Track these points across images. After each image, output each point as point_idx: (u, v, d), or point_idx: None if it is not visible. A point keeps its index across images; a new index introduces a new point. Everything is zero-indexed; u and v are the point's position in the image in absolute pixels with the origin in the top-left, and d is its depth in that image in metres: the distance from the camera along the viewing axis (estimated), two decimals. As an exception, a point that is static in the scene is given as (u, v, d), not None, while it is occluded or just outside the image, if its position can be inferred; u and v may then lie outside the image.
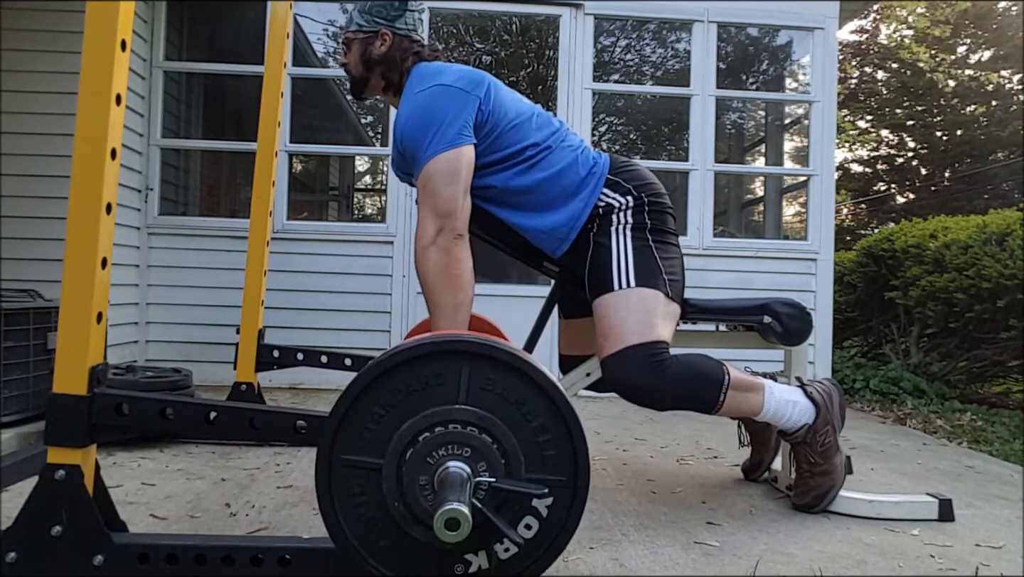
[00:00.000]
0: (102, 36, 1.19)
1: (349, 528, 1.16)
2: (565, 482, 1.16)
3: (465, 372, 1.16)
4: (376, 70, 1.80)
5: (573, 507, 1.17)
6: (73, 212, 1.19)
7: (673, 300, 1.73)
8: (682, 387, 1.67)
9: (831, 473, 1.80)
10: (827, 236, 4.00)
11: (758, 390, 1.76)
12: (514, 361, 1.16)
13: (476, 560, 1.16)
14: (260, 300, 2.67)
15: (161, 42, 3.78)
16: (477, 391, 1.16)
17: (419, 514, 1.13)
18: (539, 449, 1.16)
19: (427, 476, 1.13)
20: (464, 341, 1.17)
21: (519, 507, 1.15)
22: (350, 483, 1.16)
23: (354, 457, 1.16)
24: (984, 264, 3.94)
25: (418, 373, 1.16)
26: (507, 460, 1.14)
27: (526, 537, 1.16)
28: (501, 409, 1.16)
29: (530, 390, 1.17)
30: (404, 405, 1.16)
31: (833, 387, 1.85)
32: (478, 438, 1.14)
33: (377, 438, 1.15)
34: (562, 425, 1.17)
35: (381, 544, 1.16)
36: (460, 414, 1.15)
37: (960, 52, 12.90)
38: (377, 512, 1.16)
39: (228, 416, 1.30)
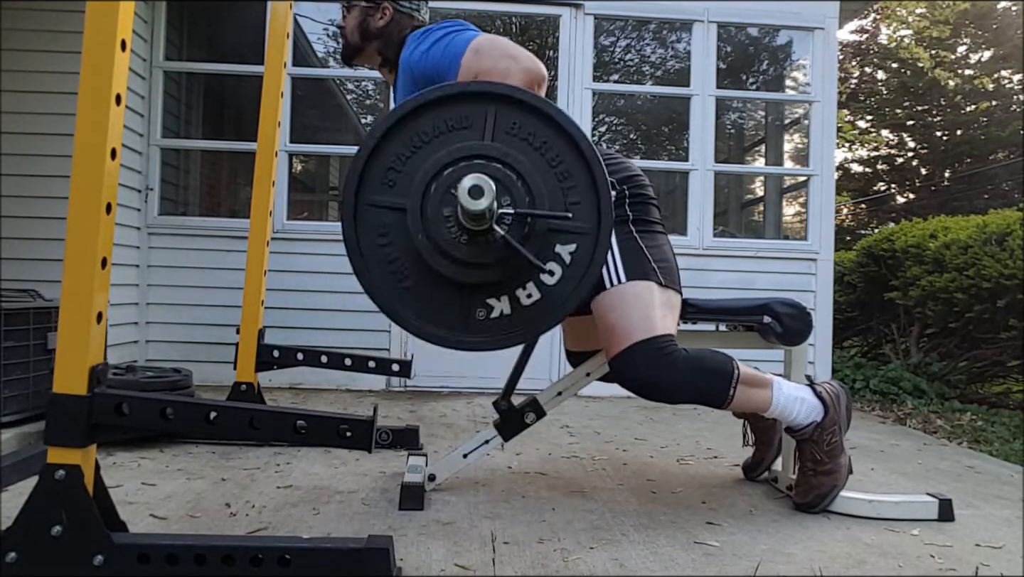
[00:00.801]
0: (102, 36, 1.19)
1: (375, 270, 1.14)
2: (588, 229, 1.14)
3: (491, 114, 1.14)
4: (372, 42, 1.81)
5: (596, 255, 1.15)
6: (73, 212, 1.19)
7: (668, 287, 1.72)
8: (693, 379, 1.67)
9: (835, 473, 1.80)
10: (827, 236, 4.00)
11: (767, 386, 1.76)
12: (540, 105, 1.14)
13: (498, 305, 1.14)
14: (260, 300, 2.67)
15: (161, 42, 3.78)
16: (503, 134, 1.14)
17: (442, 245, 1.10)
18: (563, 195, 1.14)
19: (451, 208, 1.10)
20: (490, 83, 1.15)
21: (542, 251, 1.13)
22: (376, 224, 1.14)
23: (380, 198, 1.14)
24: (984, 264, 3.94)
25: (444, 116, 1.14)
26: (531, 197, 1.12)
27: (548, 284, 1.13)
28: (526, 150, 1.14)
29: (556, 135, 1.15)
30: (431, 147, 1.14)
31: (841, 389, 1.85)
32: (503, 172, 1.11)
33: (404, 180, 1.13)
34: (587, 172, 1.14)
35: (405, 284, 1.14)
36: (486, 149, 1.12)
37: (960, 52, 12.90)
38: (403, 252, 1.13)
39: (228, 416, 1.30)
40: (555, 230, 1.13)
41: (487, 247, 1.09)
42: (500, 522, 1.69)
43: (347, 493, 1.90)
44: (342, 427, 1.31)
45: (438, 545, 1.52)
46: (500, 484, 2.02)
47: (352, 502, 1.82)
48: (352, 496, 1.87)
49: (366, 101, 6.82)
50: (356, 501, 1.83)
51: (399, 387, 3.78)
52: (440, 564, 1.42)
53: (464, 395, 3.68)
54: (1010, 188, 12.21)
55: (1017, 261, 3.82)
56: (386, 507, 1.78)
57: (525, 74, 1.47)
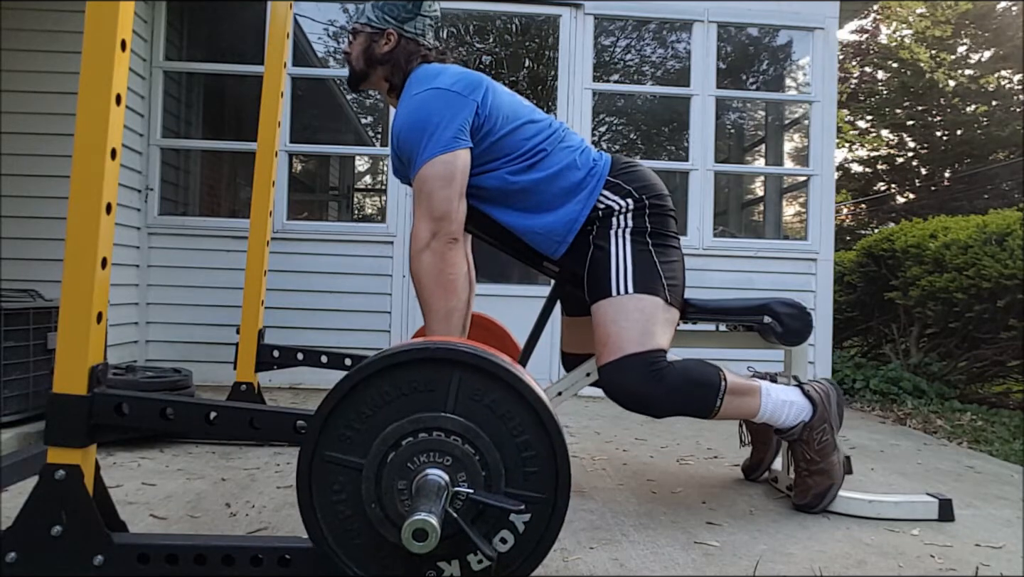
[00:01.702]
0: (102, 36, 1.19)
1: (325, 523, 1.16)
2: (545, 499, 1.16)
3: (455, 381, 1.16)
4: (376, 69, 1.80)
5: (551, 525, 1.16)
6: (73, 212, 1.19)
7: (672, 305, 1.73)
8: (679, 395, 1.67)
9: (829, 471, 1.80)
10: (827, 236, 4.00)
11: (755, 393, 1.76)
12: (505, 375, 1.16)
13: (448, 568, 1.16)
14: (260, 300, 2.67)
15: (161, 42, 3.78)
16: (466, 401, 1.16)
17: (394, 518, 1.13)
18: (522, 464, 1.16)
19: (406, 481, 1.13)
20: (457, 350, 1.16)
21: (496, 520, 1.15)
22: (331, 479, 1.16)
23: (337, 455, 1.16)
24: (984, 264, 3.94)
25: (408, 377, 1.16)
26: (488, 473, 1.14)
27: (501, 551, 1.15)
28: (488, 421, 1.16)
29: (518, 405, 1.16)
30: (391, 408, 1.15)
31: (831, 387, 1.85)
32: (461, 448, 1.13)
33: (361, 438, 1.15)
34: (547, 443, 1.16)
35: (355, 542, 1.16)
36: (445, 422, 1.14)
37: (960, 52, 12.90)
38: (355, 511, 1.16)
39: (228, 416, 1.30)
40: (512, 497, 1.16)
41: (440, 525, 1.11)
42: (500, 522, 1.69)
43: (347, 493, 1.90)
44: (342, 428, 1.31)
45: (438, 545, 1.52)
46: (500, 484, 2.02)
47: (352, 502, 1.82)
48: (352, 496, 1.87)
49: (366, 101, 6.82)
50: (356, 501, 1.83)
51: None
52: (440, 564, 1.42)
53: (464, 395, 3.68)
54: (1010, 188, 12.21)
55: (1017, 261, 3.82)
56: (386, 507, 1.78)
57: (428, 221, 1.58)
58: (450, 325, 1.59)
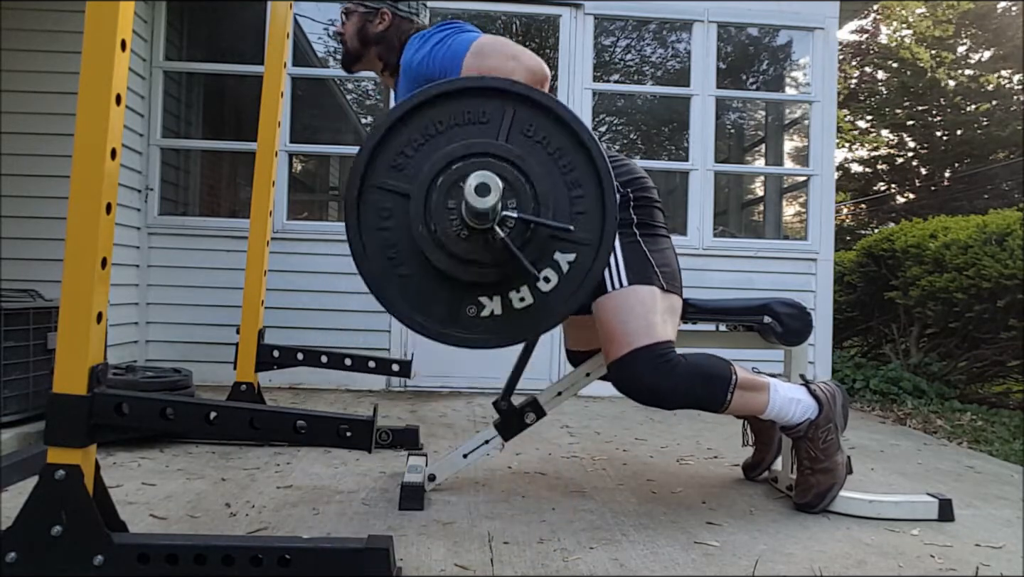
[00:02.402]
0: (102, 36, 1.19)
1: (371, 251, 1.13)
2: (590, 240, 1.13)
3: (508, 113, 1.13)
4: (371, 48, 1.81)
5: (593, 269, 1.14)
6: (73, 212, 1.19)
7: (671, 292, 1.72)
8: (691, 386, 1.68)
9: (832, 471, 1.80)
10: (827, 236, 4.00)
11: (763, 389, 1.76)
12: (559, 110, 1.13)
13: (489, 304, 1.13)
14: (260, 300, 2.67)
15: (161, 42, 3.78)
16: (518, 134, 1.13)
17: (442, 238, 1.09)
18: (570, 203, 1.13)
19: (456, 201, 1.09)
20: (513, 83, 1.14)
21: (541, 256, 1.12)
22: (379, 206, 1.13)
23: (387, 182, 1.12)
24: (984, 264, 3.94)
25: (461, 108, 1.13)
26: (537, 204, 1.10)
27: (543, 290, 1.12)
28: (539, 155, 1.12)
29: (571, 143, 1.13)
30: (443, 138, 1.12)
31: (837, 388, 1.85)
32: (513, 173, 1.10)
33: (411, 165, 1.12)
34: (596, 185, 1.13)
35: (400, 271, 1.13)
36: (498, 149, 1.11)
37: (960, 52, 12.91)
38: (401, 237, 1.12)
39: (228, 416, 1.30)
40: (557, 237, 1.12)
41: (486, 246, 1.08)
42: (500, 522, 1.69)
43: (347, 493, 1.90)
44: (342, 427, 1.31)
45: (438, 545, 1.52)
46: (500, 484, 2.02)
47: (352, 502, 1.82)
48: (352, 496, 1.87)
49: (366, 101, 6.82)
50: (356, 501, 1.83)
51: (399, 387, 3.78)
52: (440, 564, 1.42)
53: (464, 395, 3.68)
54: (1010, 188, 12.21)
55: (1017, 261, 3.82)
56: (386, 507, 1.78)
57: (528, 73, 1.45)
58: None
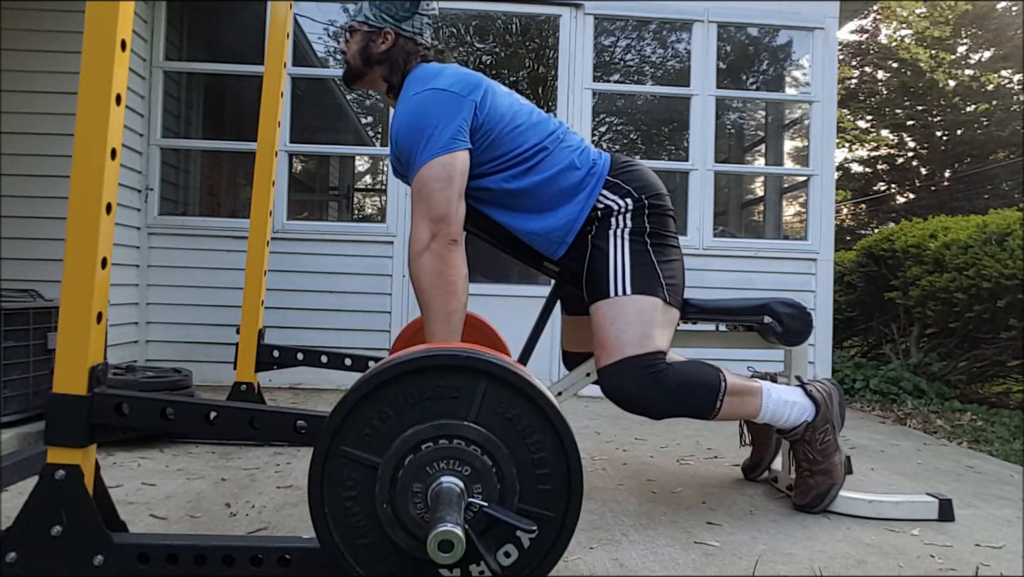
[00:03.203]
0: (102, 36, 1.19)
1: (332, 518, 1.15)
2: (553, 518, 1.16)
3: (481, 390, 1.15)
4: (374, 68, 1.79)
5: (556, 544, 1.16)
6: (73, 212, 1.19)
7: (672, 305, 1.72)
8: (678, 397, 1.67)
9: (831, 472, 1.80)
10: (827, 236, 4.00)
11: (755, 394, 1.76)
12: (531, 391, 1.16)
13: (449, 575, 1.16)
14: (260, 300, 2.67)
15: (161, 42, 3.78)
16: (489, 412, 1.16)
17: (405, 520, 1.12)
18: (535, 481, 1.16)
19: (422, 485, 1.12)
20: (486, 360, 1.16)
21: (504, 534, 1.15)
22: (344, 475, 1.15)
23: (354, 451, 1.15)
24: (984, 264, 3.94)
25: (435, 382, 1.15)
26: (503, 486, 1.13)
27: (504, 564, 1.15)
28: (507, 434, 1.15)
29: (540, 422, 1.16)
30: (414, 411, 1.15)
31: (833, 387, 1.85)
32: (480, 459, 1.13)
33: (380, 437, 1.15)
34: (563, 463, 1.16)
35: (361, 541, 1.16)
36: (467, 431, 1.14)
37: (960, 52, 12.91)
38: (365, 509, 1.15)
39: (228, 416, 1.30)
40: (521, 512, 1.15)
41: None
42: (500, 522, 1.69)
43: (347, 493, 1.90)
44: (342, 428, 1.31)
45: (438, 545, 1.52)
46: (500, 484, 2.02)
47: (352, 502, 1.82)
48: (352, 496, 1.87)
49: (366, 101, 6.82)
50: (356, 501, 1.83)
51: (399, 387, 3.78)
52: (440, 564, 1.42)
53: (464, 395, 3.68)
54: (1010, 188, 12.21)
55: (1017, 261, 3.82)
56: (386, 507, 1.78)
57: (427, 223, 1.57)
58: (450, 327, 1.59)
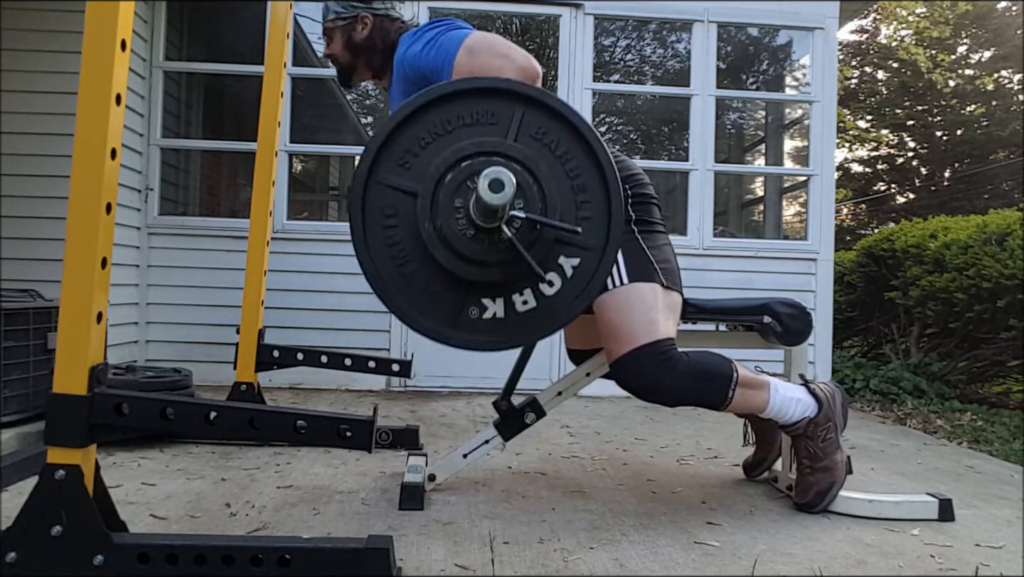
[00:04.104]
0: (102, 36, 1.19)
1: (375, 249, 1.13)
2: (594, 245, 1.14)
3: (518, 115, 1.13)
4: (362, 56, 1.80)
5: (597, 273, 1.14)
6: (73, 212, 1.19)
7: (671, 288, 1.72)
8: (693, 384, 1.68)
9: (832, 469, 1.81)
10: (827, 236, 4.00)
11: (764, 387, 1.77)
12: (569, 114, 1.14)
13: (492, 307, 1.14)
14: (260, 300, 2.67)
15: (161, 42, 3.78)
16: (527, 136, 1.14)
17: (448, 236, 1.09)
18: (575, 207, 1.14)
19: (463, 200, 1.09)
20: (523, 85, 1.14)
21: (545, 260, 1.12)
22: (384, 204, 1.13)
23: (393, 179, 1.13)
24: (984, 264, 3.94)
25: (471, 108, 1.13)
26: (544, 204, 1.11)
27: (546, 294, 1.13)
28: (547, 158, 1.13)
29: (579, 148, 1.14)
30: (452, 136, 1.13)
31: (837, 388, 1.86)
32: (521, 174, 1.10)
33: (418, 164, 1.12)
34: (603, 190, 1.14)
35: (404, 270, 1.14)
36: (508, 148, 1.11)
37: (960, 52, 12.91)
38: (406, 236, 1.12)
39: (228, 416, 1.30)
40: (562, 241, 1.12)
41: (492, 246, 1.07)
42: (500, 522, 1.69)
43: (347, 493, 1.90)
44: (342, 427, 1.31)
45: (438, 545, 1.52)
46: (500, 484, 2.02)
47: (352, 502, 1.82)
48: (352, 496, 1.87)
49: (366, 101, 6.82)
50: (356, 501, 1.83)
51: (399, 387, 3.78)
52: (440, 564, 1.42)
53: (464, 395, 3.68)
54: (1010, 188, 12.21)
55: (1017, 261, 3.81)
56: (386, 507, 1.78)
57: (519, 72, 1.44)
58: None
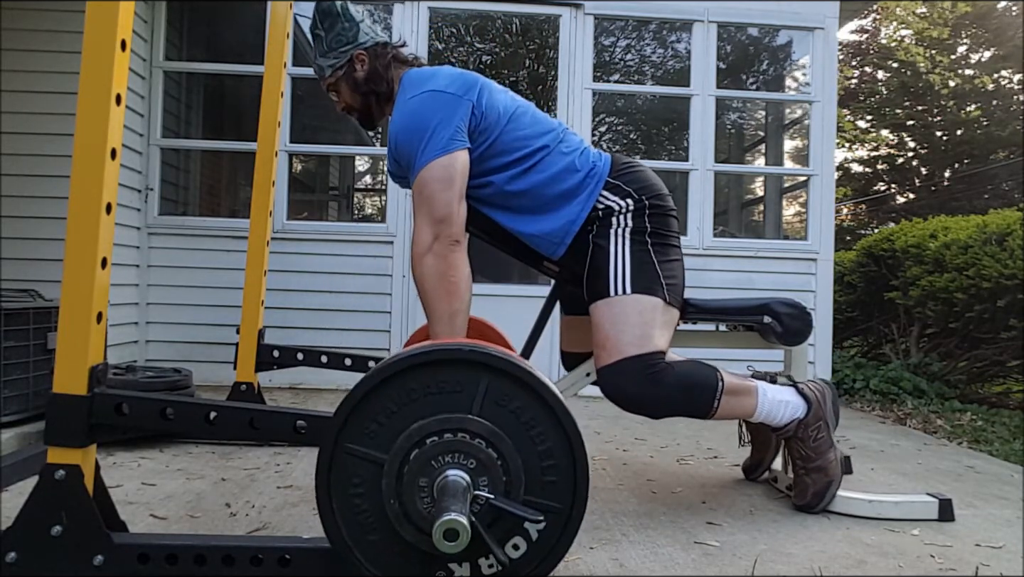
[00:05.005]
0: (102, 36, 1.19)
1: (341, 516, 1.16)
2: (560, 510, 1.16)
3: (484, 384, 1.16)
4: (371, 92, 1.79)
5: (564, 535, 1.17)
6: (73, 212, 1.19)
7: (672, 305, 1.72)
8: (677, 397, 1.68)
9: (826, 469, 1.80)
10: (827, 236, 4.00)
11: (751, 393, 1.77)
12: (533, 382, 1.16)
13: (459, 570, 1.16)
14: (260, 300, 2.67)
15: (161, 42, 3.78)
16: (492, 405, 1.16)
17: (412, 515, 1.13)
18: (541, 473, 1.16)
19: (428, 479, 1.13)
20: (488, 353, 1.17)
21: (511, 527, 1.15)
22: (351, 472, 1.16)
23: (359, 448, 1.15)
24: (984, 264, 3.94)
25: (438, 377, 1.16)
26: (508, 479, 1.14)
27: (512, 557, 1.16)
28: (512, 427, 1.16)
29: (544, 413, 1.16)
30: (417, 406, 1.15)
31: (827, 386, 1.86)
32: (485, 452, 1.13)
33: (385, 433, 1.15)
34: (568, 454, 1.16)
35: (370, 538, 1.16)
36: (472, 425, 1.14)
37: (960, 52, 12.91)
38: (372, 505, 1.16)
39: (228, 416, 1.30)
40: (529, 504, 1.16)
41: None
42: (500, 522, 1.69)
43: (347, 493, 1.89)
44: (342, 428, 1.31)
45: (438, 545, 1.52)
46: (500, 484, 2.02)
47: (352, 502, 1.82)
48: (352, 496, 1.87)
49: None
50: (356, 501, 1.83)
51: (399, 387, 3.77)
52: (440, 564, 1.42)
53: (464, 395, 3.67)
54: (1010, 188, 12.21)
55: (1017, 261, 3.82)
56: (386, 507, 1.78)
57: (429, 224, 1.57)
58: (454, 327, 1.59)
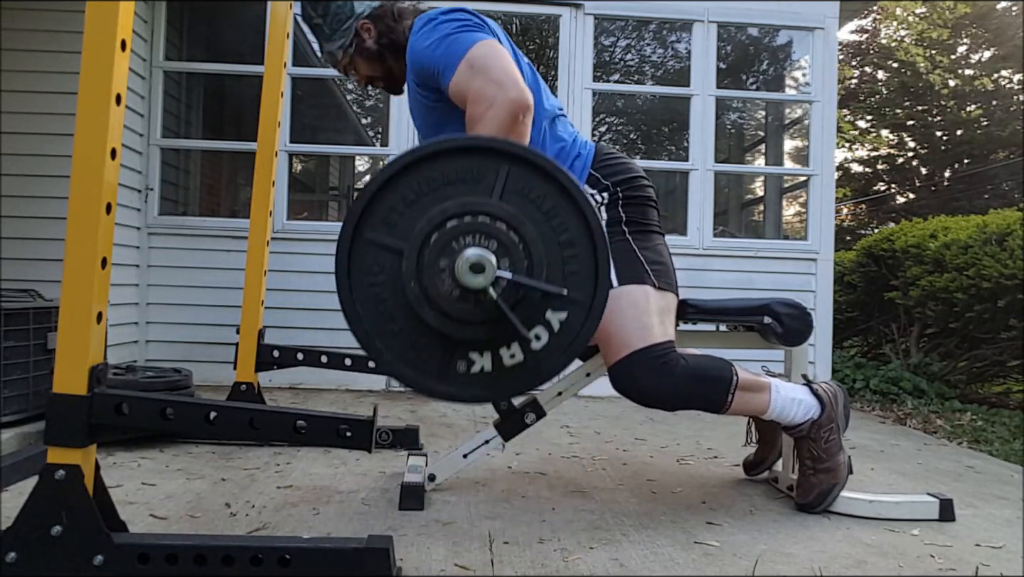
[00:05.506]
0: (102, 36, 1.19)
1: (362, 306, 1.15)
2: (581, 300, 1.15)
3: (504, 171, 1.14)
4: (388, 54, 1.78)
5: (585, 326, 1.15)
6: (73, 212, 1.19)
7: (664, 290, 1.71)
8: (691, 388, 1.67)
9: (834, 471, 1.80)
10: (827, 236, 4.00)
11: (765, 390, 1.76)
12: (554, 171, 1.15)
13: (480, 361, 1.14)
14: (260, 300, 2.67)
15: (161, 42, 3.78)
16: (512, 193, 1.15)
17: (433, 296, 1.10)
18: (562, 262, 1.15)
19: (448, 260, 1.10)
20: (507, 142, 1.16)
21: (532, 315, 1.13)
22: (371, 263, 1.14)
23: (379, 237, 1.14)
24: (984, 264, 3.94)
25: (456, 166, 1.14)
26: (530, 263, 1.12)
27: (534, 348, 1.14)
28: (533, 214, 1.14)
29: (564, 203, 1.15)
30: (437, 194, 1.14)
31: (839, 388, 1.85)
32: (506, 234, 1.11)
33: (404, 223, 1.14)
34: (589, 243, 1.15)
35: (391, 327, 1.15)
36: (493, 208, 1.12)
37: (960, 52, 12.91)
38: (393, 294, 1.14)
39: (228, 416, 1.30)
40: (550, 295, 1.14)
41: (478, 305, 1.09)
42: (500, 522, 1.69)
43: (347, 493, 1.90)
44: (342, 427, 1.31)
45: (438, 545, 1.52)
46: (500, 484, 2.02)
47: (352, 502, 1.82)
48: (352, 496, 1.87)
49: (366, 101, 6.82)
50: (356, 501, 1.83)
51: (399, 387, 3.78)
52: (440, 564, 1.42)
53: (464, 395, 3.67)
54: (1010, 188, 12.22)
55: (1017, 261, 3.82)
56: (386, 507, 1.78)
57: (509, 104, 1.44)
58: None
